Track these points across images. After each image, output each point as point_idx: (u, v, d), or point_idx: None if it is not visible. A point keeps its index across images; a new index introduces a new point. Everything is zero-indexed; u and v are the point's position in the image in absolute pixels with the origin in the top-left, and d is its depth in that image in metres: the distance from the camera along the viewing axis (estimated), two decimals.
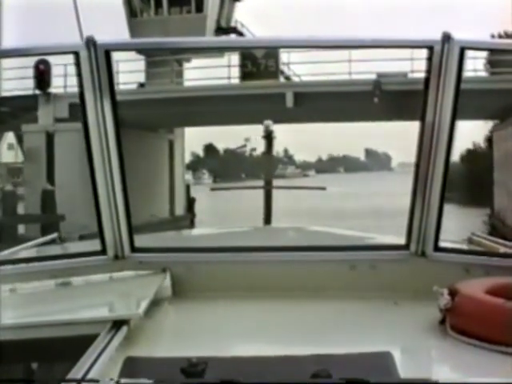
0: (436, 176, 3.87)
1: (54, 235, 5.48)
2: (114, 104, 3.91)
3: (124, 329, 3.10)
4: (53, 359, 3.52)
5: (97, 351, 2.76)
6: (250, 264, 4.07)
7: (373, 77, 31.61)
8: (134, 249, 4.12)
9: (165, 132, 40.41)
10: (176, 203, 41.43)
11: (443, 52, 3.75)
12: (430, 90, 3.80)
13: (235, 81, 35.73)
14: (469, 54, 3.70)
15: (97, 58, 3.80)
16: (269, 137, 7.51)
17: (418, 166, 3.92)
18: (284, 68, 37.01)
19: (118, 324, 3.11)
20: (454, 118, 3.81)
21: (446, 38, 3.75)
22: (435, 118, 3.81)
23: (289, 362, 2.74)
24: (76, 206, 25.66)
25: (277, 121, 7.83)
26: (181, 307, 3.93)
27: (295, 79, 37.51)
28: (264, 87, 32.95)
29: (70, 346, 3.03)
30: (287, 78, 37.43)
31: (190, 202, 43.47)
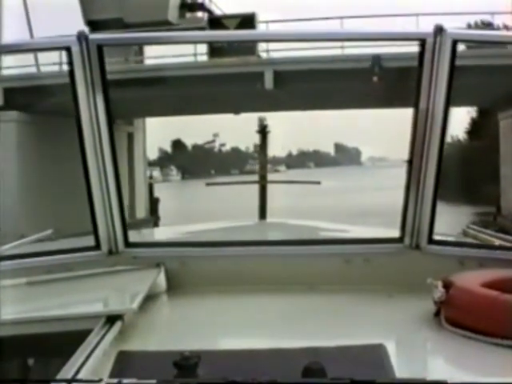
0: (430, 167, 3.88)
1: (49, 231, 5.47)
2: (107, 99, 3.90)
3: (118, 324, 3.10)
4: (47, 355, 3.51)
5: (91, 346, 2.76)
6: (244, 258, 4.07)
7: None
8: (128, 244, 4.12)
9: (122, 123, 32.81)
10: (137, 205, 34.44)
11: (435, 45, 3.75)
12: (423, 83, 3.80)
13: (202, 58, 28.65)
14: None
15: (89, 53, 3.79)
16: (263, 131, 7.52)
17: (411, 158, 3.92)
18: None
19: (112, 319, 3.11)
20: (447, 109, 3.82)
21: (439, 30, 3.75)
22: (428, 109, 3.81)
23: (281, 354, 2.74)
24: (11, 211, 22.33)
25: (253, 108, 7.49)
26: (175, 302, 3.93)
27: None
28: (237, 65, 26.60)
29: (64, 342, 3.02)
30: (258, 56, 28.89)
31: (154, 203, 36.78)
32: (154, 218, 35.54)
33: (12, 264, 4.07)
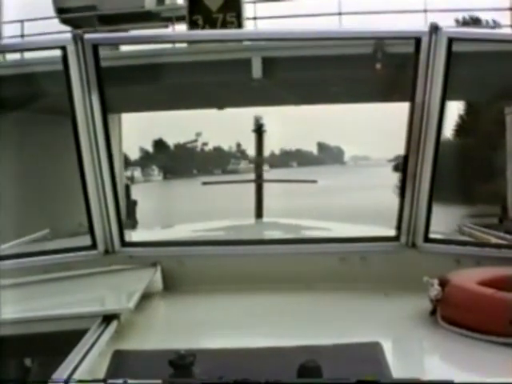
0: (425, 164, 3.88)
1: (46, 231, 5.47)
2: (103, 98, 3.90)
3: (114, 323, 3.10)
4: (44, 354, 3.52)
5: (87, 345, 2.76)
6: (240, 257, 4.07)
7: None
8: (124, 243, 4.12)
9: None
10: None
11: (431, 43, 3.75)
12: (418, 82, 3.80)
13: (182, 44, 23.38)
14: None
15: (84, 52, 3.79)
16: (259, 130, 7.51)
17: (407, 154, 3.92)
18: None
19: (108, 318, 3.11)
20: (443, 106, 3.82)
21: (434, 28, 3.75)
22: (424, 106, 3.81)
23: (277, 353, 2.74)
24: None
25: (239, 102, 6.79)
26: (171, 301, 3.93)
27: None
28: (220, 52, 21.35)
29: (60, 341, 3.02)
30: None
31: (131, 206, 31.78)
32: (130, 222, 31.00)
33: (9, 264, 4.07)
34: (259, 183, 7.13)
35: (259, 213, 6.90)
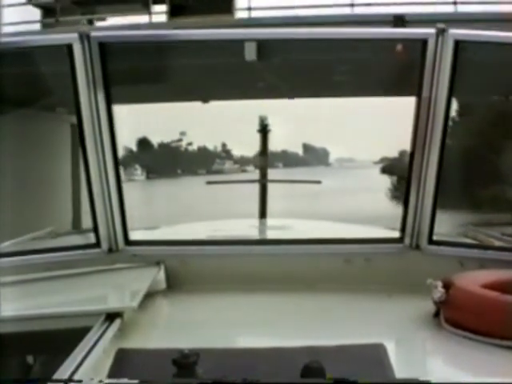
0: (431, 166, 3.87)
1: (49, 229, 5.47)
2: (108, 97, 3.90)
3: (118, 321, 3.10)
4: (47, 352, 3.51)
5: (90, 344, 2.76)
6: (244, 257, 4.07)
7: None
8: (128, 242, 4.13)
9: (65, 112, 15.62)
10: (84, 212, 19.28)
11: (437, 45, 3.73)
12: (424, 85, 3.79)
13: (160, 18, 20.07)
14: None
15: (90, 50, 3.79)
16: (264, 130, 7.50)
17: (412, 153, 3.91)
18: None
19: (111, 316, 3.11)
20: (449, 107, 3.81)
21: (441, 31, 3.73)
22: (429, 109, 3.81)
23: (280, 353, 2.74)
24: None
25: (227, 93, 5.86)
26: (175, 300, 3.93)
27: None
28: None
29: (64, 339, 3.02)
30: None
31: None
32: None
33: (12, 261, 4.07)
34: (263, 183, 7.12)
35: (263, 213, 6.89)
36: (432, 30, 3.75)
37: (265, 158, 7.66)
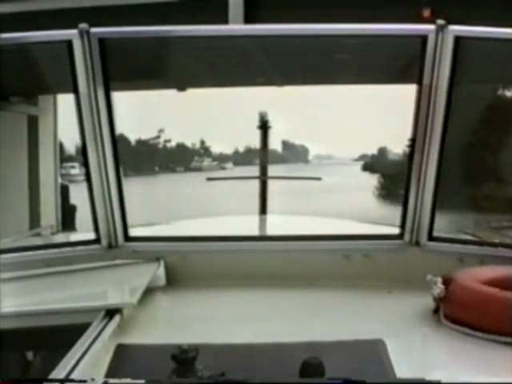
0: (431, 161, 3.87)
1: (49, 225, 5.48)
2: (108, 93, 3.90)
3: (117, 317, 3.10)
4: (46, 348, 3.52)
5: (89, 339, 2.76)
6: (243, 253, 4.08)
7: None
8: (127, 238, 4.13)
9: (20, 102, 17.19)
10: (43, 214, 16.47)
11: (437, 42, 3.72)
12: (424, 85, 3.79)
13: None
14: None
15: (90, 47, 3.79)
16: (264, 126, 7.50)
17: (411, 151, 3.91)
18: None
19: (111, 312, 3.12)
20: (449, 103, 3.80)
21: (441, 27, 3.73)
22: (429, 105, 3.80)
23: (280, 349, 2.74)
24: None
25: (208, 79, 5.14)
26: (174, 296, 3.93)
27: None
28: None
29: (63, 335, 3.03)
30: None
31: (68, 212, 18.64)
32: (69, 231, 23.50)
33: (12, 257, 4.08)
34: (263, 179, 7.12)
35: (263, 209, 6.89)
36: (432, 27, 3.74)
37: (265, 155, 7.67)
